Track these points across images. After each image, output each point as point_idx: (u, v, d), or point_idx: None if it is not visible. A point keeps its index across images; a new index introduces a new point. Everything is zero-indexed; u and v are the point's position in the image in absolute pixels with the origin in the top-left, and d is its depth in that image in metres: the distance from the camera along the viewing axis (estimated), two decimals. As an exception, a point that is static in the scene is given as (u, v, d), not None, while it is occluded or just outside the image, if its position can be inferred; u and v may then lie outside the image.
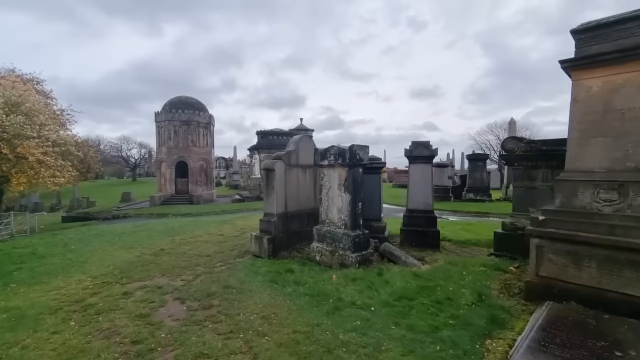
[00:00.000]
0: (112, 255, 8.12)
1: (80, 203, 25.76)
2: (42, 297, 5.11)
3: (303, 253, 7.24)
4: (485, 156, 19.27)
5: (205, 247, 8.56)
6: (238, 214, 17.00)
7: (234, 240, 9.28)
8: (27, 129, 15.38)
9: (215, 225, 12.26)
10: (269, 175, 7.20)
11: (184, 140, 25.33)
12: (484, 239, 7.68)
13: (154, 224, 13.63)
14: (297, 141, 7.65)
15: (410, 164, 7.12)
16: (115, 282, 5.79)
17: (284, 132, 27.18)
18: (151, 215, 18.56)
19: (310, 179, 8.06)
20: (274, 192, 7.10)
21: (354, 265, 5.84)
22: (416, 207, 7.06)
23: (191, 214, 17.90)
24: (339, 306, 4.03)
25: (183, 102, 25.94)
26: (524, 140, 5.66)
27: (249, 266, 6.28)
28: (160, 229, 11.98)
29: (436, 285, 4.54)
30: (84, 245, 9.57)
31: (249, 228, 11.29)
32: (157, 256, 7.73)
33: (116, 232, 11.57)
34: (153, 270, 6.51)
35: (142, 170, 65.63)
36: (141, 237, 10.41)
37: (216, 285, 5.25)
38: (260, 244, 7.05)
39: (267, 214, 7.29)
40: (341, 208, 6.23)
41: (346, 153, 5.98)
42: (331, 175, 6.43)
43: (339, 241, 6.16)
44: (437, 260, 6.05)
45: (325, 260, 6.33)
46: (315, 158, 6.65)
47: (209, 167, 27.04)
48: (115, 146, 54.68)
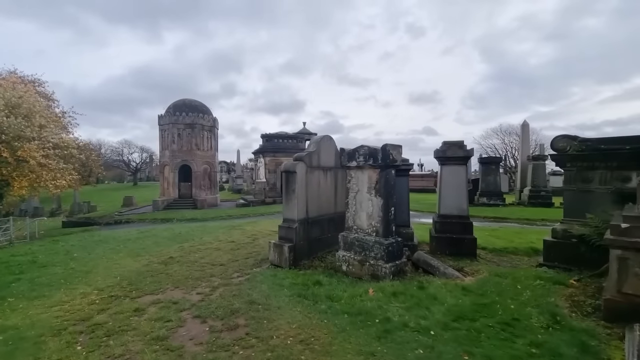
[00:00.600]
0: (118, 264, 7.56)
1: (81, 208, 25.20)
2: (43, 315, 4.54)
3: (326, 262, 6.68)
4: (498, 159, 18.76)
5: (217, 255, 8.00)
6: (245, 219, 16.44)
7: (247, 248, 8.72)
8: (27, 131, 14.90)
9: (223, 230, 11.70)
10: (289, 177, 6.66)
11: (187, 143, 24.82)
12: (521, 246, 7.13)
13: (159, 229, 13.06)
14: (319, 141, 7.13)
15: (442, 165, 6.59)
16: (125, 295, 5.23)
17: (289, 135, 26.70)
18: (155, 220, 17.98)
19: (331, 181, 7.52)
20: (295, 196, 6.56)
21: (388, 277, 5.29)
22: (449, 213, 6.52)
23: (196, 219, 17.33)
24: (389, 329, 3.47)
25: (187, 105, 25.48)
26: (577, 139, 5.13)
27: (271, 277, 5.72)
28: (166, 235, 11.41)
29: (493, 302, 3.98)
30: (87, 252, 9.00)
31: (260, 234, 10.75)
32: (167, 265, 7.17)
33: (120, 239, 11.00)
34: (164, 281, 5.95)
35: (143, 174, 65.16)
36: (147, 244, 9.85)
37: (238, 300, 4.68)
38: (280, 252, 6.49)
39: (287, 219, 6.74)
40: (371, 213, 5.69)
41: (378, 153, 5.45)
42: (360, 178, 5.89)
43: (370, 250, 5.60)
44: (478, 271, 5.49)
45: (354, 271, 5.77)
46: (342, 159, 6.12)
47: (212, 171, 26.50)
48: (116, 150, 54.27)
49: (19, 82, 18.96)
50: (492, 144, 48.11)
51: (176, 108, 25.04)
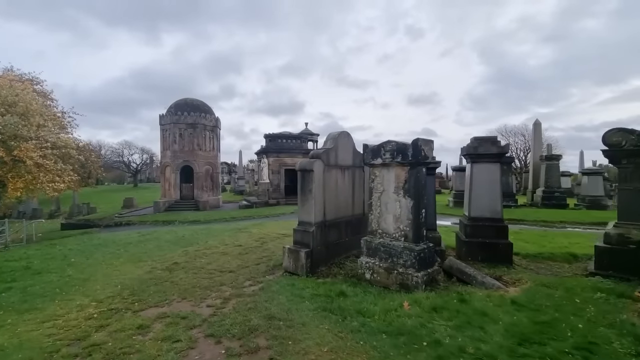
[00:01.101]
0: (118, 270, 7.00)
1: (81, 209, 24.65)
2: (34, 332, 3.99)
3: (345, 269, 6.13)
4: (510, 159, 18.18)
5: (225, 260, 7.44)
6: (249, 220, 15.88)
7: (256, 252, 8.16)
8: (23, 130, 14.36)
9: (229, 233, 11.14)
10: (305, 177, 6.11)
11: (189, 143, 24.29)
12: (556, 252, 6.58)
13: (161, 232, 12.51)
14: (336, 138, 6.58)
15: (472, 163, 6.04)
16: (126, 308, 4.67)
17: (292, 135, 26.17)
18: (156, 223, 17.43)
19: (349, 181, 6.98)
20: (312, 197, 6.01)
21: (420, 287, 4.73)
22: (480, 215, 5.97)
23: (199, 221, 16.77)
24: (443, 355, 2.92)
25: (189, 104, 24.96)
26: (635, 132, 4.60)
27: (288, 287, 5.16)
28: (169, 238, 10.86)
29: (555, 320, 3.43)
30: (86, 257, 8.44)
31: (268, 237, 10.19)
32: (172, 272, 6.62)
33: (121, 242, 10.44)
34: (170, 291, 5.39)
35: (144, 175, 64.59)
36: (149, 248, 9.29)
37: (255, 315, 4.13)
38: (296, 258, 5.94)
39: (303, 222, 6.19)
40: (399, 216, 5.14)
41: (408, 149, 4.91)
42: (385, 177, 5.34)
43: (398, 256, 5.05)
44: (520, 280, 4.94)
45: (379, 280, 5.21)
46: (364, 156, 5.57)
47: (215, 172, 25.97)
48: (116, 151, 53.68)
49: (17, 80, 18.45)
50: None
51: (178, 107, 24.52)
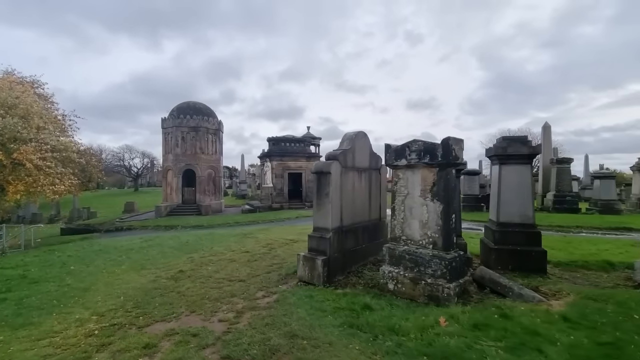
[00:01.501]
0: (120, 279, 6.59)
1: (81, 214, 24.24)
2: (28, 352, 3.57)
3: (364, 278, 5.71)
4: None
5: (233, 267, 7.03)
6: (254, 225, 15.47)
7: (265, 259, 7.74)
8: (23, 132, 14.02)
9: (235, 239, 10.72)
10: (321, 179, 5.72)
11: (192, 147, 23.96)
12: (591, 259, 6.16)
13: (164, 237, 12.09)
14: (353, 138, 6.20)
15: (500, 165, 5.64)
16: (130, 323, 4.26)
17: (296, 138, 25.84)
18: (158, 227, 17.01)
19: (365, 184, 6.58)
20: (329, 201, 5.61)
21: (452, 300, 4.32)
22: (510, 220, 5.56)
23: (202, 225, 16.35)
24: (504, 384, 2.50)
25: (191, 108, 24.67)
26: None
27: (306, 299, 4.74)
28: (172, 244, 10.44)
29: (620, 342, 3.02)
30: (86, 265, 8.03)
31: (276, 243, 9.78)
32: (177, 281, 6.20)
33: (122, 248, 10.03)
34: (177, 303, 4.98)
35: (144, 180, 64.25)
36: (153, 255, 8.88)
37: (275, 332, 3.71)
38: (312, 267, 5.52)
39: (319, 228, 5.78)
40: (426, 221, 4.74)
41: (437, 149, 4.52)
42: (410, 179, 4.95)
43: (426, 265, 4.64)
44: (560, 292, 4.52)
45: (404, 291, 4.80)
46: (386, 156, 5.18)
47: (217, 176, 25.60)
48: (117, 155, 53.36)
49: (17, 82, 18.15)
50: (500, 148, 47.12)
51: (180, 111, 24.23)
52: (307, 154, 25.39)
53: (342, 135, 6.48)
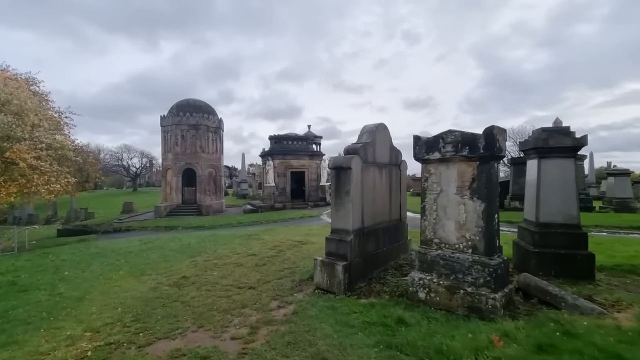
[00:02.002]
0: (118, 286, 6.03)
1: (78, 214, 23.64)
2: (6, 380, 3.02)
3: (388, 285, 5.15)
4: (531, 160, 17.27)
5: (241, 273, 6.47)
6: (258, 226, 14.90)
7: (275, 263, 7.18)
8: (17, 130, 13.43)
9: (239, 241, 10.16)
10: (340, 176, 5.16)
11: (192, 145, 23.38)
12: (636, 263, 5.62)
13: (165, 239, 11.52)
14: (374, 131, 5.64)
15: (539, 159, 5.09)
16: (129, 341, 3.69)
17: (299, 136, 25.27)
18: (158, 229, 16.43)
19: (386, 181, 6.03)
20: (349, 200, 5.05)
21: (498, 312, 3.77)
22: (551, 220, 5.01)
23: (204, 226, 15.78)
24: None
25: (191, 105, 24.08)
26: None
27: (328, 311, 4.19)
28: (174, 246, 9.87)
29: None
30: (81, 270, 7.46)
31: (283, 245, 9.21)
32: (181, 288, 5.65)
33: (120, 251, 9.45)
34: (182, 315, 4.42)
35: (143, 180, 63.62)
36: (153, 258, 8.31)
37: (300, 354, 3.16)
38: (331, 273, 4.97)
39: (338, 230, 5.22)
40: (464, 222, 4.18)
41: (478, 140, 3.96)
42: (443, 174, 4.40)
43: (465, 272, 4.09)
44: (619, 302, 3.97)
45: (438, 301, 4.25)
46: (416, 150, 4.62)
47: (218, 175, 25.03)
48: (115, 155, 52.71)
49: (11, 78, 17.55)
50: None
51: (180, 108, 23.64)
52: (310, 153, 24.83)
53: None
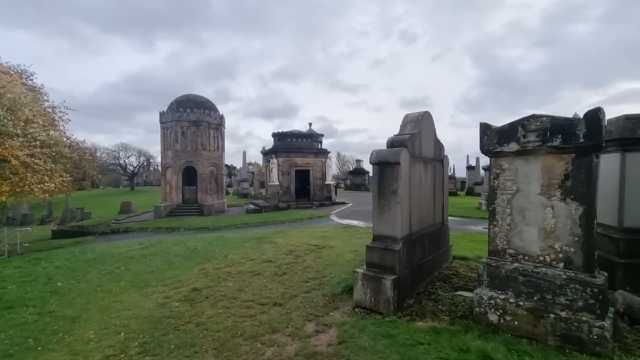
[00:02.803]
0: (119, 301, 5.18)
1: (74, 214, 22.69)
2: None
3: (442, 302, 4.35)
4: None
5: (261, 284, 5.64)
6: (265, 227, 14.05)
7: (296, 272, 6.35)
8: (9, 125, 12.51)
9: (250, 245, 9.32)
10: (385, 173, 4.34)
11: (192, 143, 22.45)
12: None
13: (168, 242, 10.66)
14: (419, 120, 4.82)
15: (622, 152, 4.31)
16: (137, 385, 2.86)
17: (303, 133, 24.41)
18: (158, 230, 15.54)
19: (431, 179, 5.22)
20: (397, 201, 4.23)
21: (607, 345, 2.97)
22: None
23: (207, 227, 14.91)
24: None
25: (192, 101, 23.14)
26: None
27: (384, 340, 3.38)
28: (178, 251, 9.01)
29: None
30: (76, 280, 6.60)
31: (300, 249, 8.39)
32: (193, 304, 4.81)
33: (120, 257, 8.59)
34: (199, 343, 3.59)
35: (140, 179, 62.51)
36: (157, 265, 7.46)
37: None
38: (377, 289, 4.15)
39: (382, 237, 4.39)
40: (552, 229, 3.38)
41: (577, 126, 3.15)
42: (521, 170, 3.59)
43: (555, 292, 3.28)
44: None
45: (516, 326, 3.44)
46: (485, 140, 3.80)
47: (219, 174, 24.12)
48: (112, 154, 51.50)
49: (4, 72, 16.58)
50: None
51: (180, 104, 22.69)
52: (315, 150, 23.98)
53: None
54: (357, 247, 8.49)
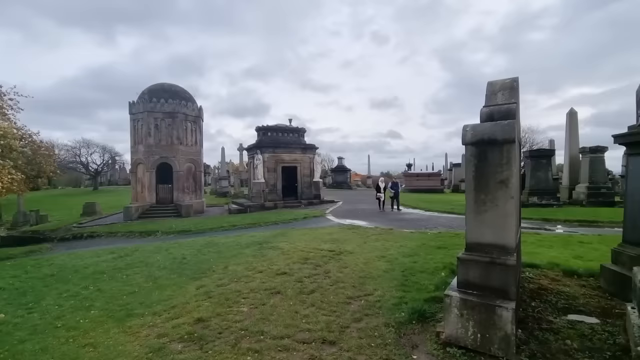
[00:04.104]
0: (92, 344, 3.58)
1: (27, 218, 19.83)
2: None
3: (566, 335, 3.16)
4: (551, 152, 16.13)
5: (288, 308, 4.24)
6: (257, 229, 12.48)
7: (327, 288, 4.99)
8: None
9: (251, 251, 7.82)
10: (488, 155, 3.08)
11: (167, 136, 20.31)
12: None
13: (147, 250, 8.89)
14: (514, 88, 3.59)
15: None
16: None
17: (290, 128, 22.90)
18: (131, 235, 13.52)
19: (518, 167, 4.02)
20: (509, 194, 2.99)
21: None
22: None
23: (190, 231, 13.09)
24: None
25: (167, 90, 20.96)
26: None
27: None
28: (163, 261, 7.35)
29: None
30: (26, 309, 4.85)
31: (314, 256, 7.04)
32: (204, 348, 3.36)
33: (88, 271, 6.82)
34: None
35: (104, 178, 57.99)
36: (138, 283, 5.82)
37: None
38: (487, 321, 2.89)
39: (484, 245, 3.13)
40: None
41: None
42: None
43: None
44: None
45: None
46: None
47: (197, 171, 22.10)
48: (72, 150, 47.08)
49: None
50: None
51: (152, 93, 20.47)
52: (303, 145, 22.56)
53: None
54: (380, 251, 7.26)
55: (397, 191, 17.48)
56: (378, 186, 17.16)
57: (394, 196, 17.09)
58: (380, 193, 16.79)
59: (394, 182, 18.73)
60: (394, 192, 17.21)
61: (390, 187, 17.82)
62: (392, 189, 17.48)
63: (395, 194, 17.15)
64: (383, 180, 17.92)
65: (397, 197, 17.18)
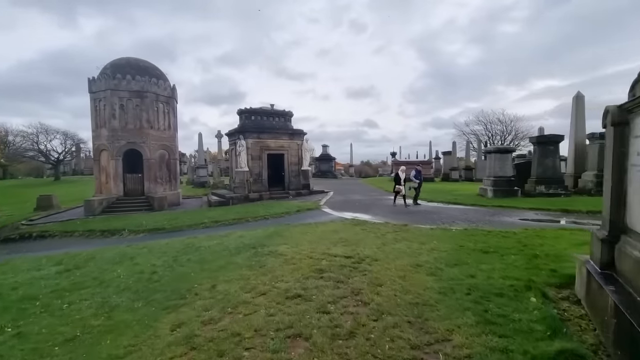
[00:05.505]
0: None
1: (-33, 214, 16.88)
2: None
3: None
4: (559, 137, 15.11)
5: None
6: (245, 226, 10.64)
7: (366, 324, 3.35)
8: None
9: (244, 259, 6.04)
10: None
11: (135, 119, 17.77)
12: None
13: (105, 258, 6.89)
14: None
15: None
16: None
17: (276, 111, 20.78)
18: (91, 234, 11.29)
19: None
20: None
21: None
22: None
23: (163, 229, 11.02)
24: None
25: (133, 66, 18.28)
26: None
27: None
28: (124, 277, 5.44)
29: None
30: None
31: (328, 266, 5.38)
32: None
33: (13, 296, 4.84)
34: None
35: (68, 167, 53.37)
36: (84, 319, 3.94)
37: None
38: None
39: None
40: None
41: None
42: None
43: None
44: None
45: None
46: None
47: (172, 158, 19.73)
48: (29, 137, 42.51)
49: None
50: (475, 130, 47.01)
51: (117, 68, 17.76)
52: (290, 131, 20.60)
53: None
54: (410, 257, 5.70)
55: (422, 181, 14.76)
56: (397, 176, 13.59)
57: (418, 187, 14.35)
58: (401, 185, 13.30)
59: (417, 170, 15.05)
60: (418, 182, 14.41)
61: (414, 176, 14.54)
62: (416, 178, 14.48)
63: (419, 184, 14.43)
64: (404, 170, 13.91)
65: (419, 189, 14.40)
